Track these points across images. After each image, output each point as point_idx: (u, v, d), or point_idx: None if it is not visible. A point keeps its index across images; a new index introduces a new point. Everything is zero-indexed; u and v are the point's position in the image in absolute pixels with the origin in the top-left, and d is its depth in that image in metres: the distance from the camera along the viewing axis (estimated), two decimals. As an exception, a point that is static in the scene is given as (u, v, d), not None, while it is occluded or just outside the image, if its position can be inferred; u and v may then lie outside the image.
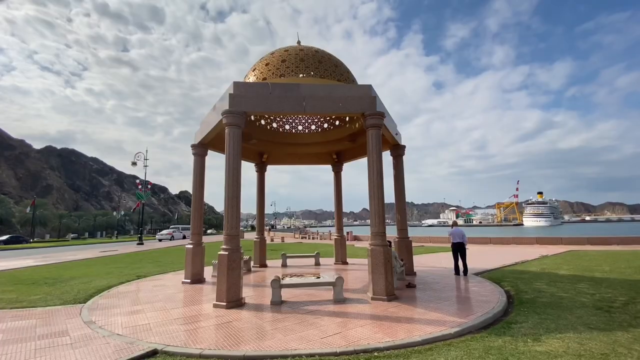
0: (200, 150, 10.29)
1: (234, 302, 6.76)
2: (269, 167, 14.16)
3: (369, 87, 7.97)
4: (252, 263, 12.87)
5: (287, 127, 12.91)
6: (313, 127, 13.00)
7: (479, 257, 15.07)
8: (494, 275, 10.24)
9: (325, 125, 12.84)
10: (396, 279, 8.10)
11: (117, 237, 68.10)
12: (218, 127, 8.45)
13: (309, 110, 7.63)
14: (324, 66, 9.30)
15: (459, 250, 10.30)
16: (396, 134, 10.25)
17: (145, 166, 30.95)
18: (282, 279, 10.85)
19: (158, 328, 5.54)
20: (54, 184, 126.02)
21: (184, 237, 46.77)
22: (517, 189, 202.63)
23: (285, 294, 7.68)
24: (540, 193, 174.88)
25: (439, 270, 11.54)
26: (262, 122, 12.35)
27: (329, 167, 14.35)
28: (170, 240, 40.96)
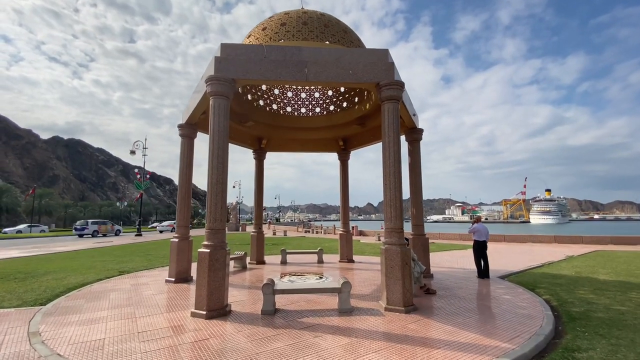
0: (188, 130, 9.00)
1: (216, 310, 5.51)
2: (272, 158, 12.86)
3: (386, 51, 6.56)
4: (248, 259, 11.64)
5: (288, 109, 11.55)
6: (318, 109, 11.62)
7: (497, 257, 13.66)
8: (523, 280, 8.87)
9: (332, 108, 11.46)
10: (412, 284, 6.78)
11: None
12: (204, 102, 7.14)
13: (312, 78, 6.26)
14: (331, 31, 7.89)
15: (483, 249, 8.95)
16: (414, 115, 8.84)
17: (144, 155, 29.92)
18: (281, 277, 9.63)
19: (111, 347, 4.31)
20: (61, 174, 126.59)
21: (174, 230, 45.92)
22: (524, 186, 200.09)
23: (281, 299, 6.42)
24: (548, 190, 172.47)
25: (457, 271, 10.19)
26: (261, 102, 11.01)
27: (334, 158, 13.02)
28: (172, 232, 39.55)
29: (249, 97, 10.51)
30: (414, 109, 8.90)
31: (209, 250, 5.61)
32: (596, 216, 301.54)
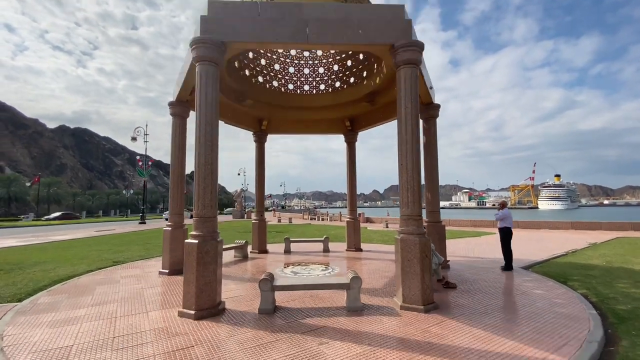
0: (179, 109, 8.16)
1: (207, 310, 4.79)
2: (277, 146, 12.00)
3: (402, 7, 5.56)
4: (249, 249, 10.97)
5: (290, 86, 10.60)
6: (322, 86, 10.65)
7: (514, 245, 12.79)
8: (550, 270, 8.04)
9: (338, 84, 10.47)
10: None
11: (127, 215, 68.20)
12: (194, 73, 6.24)
13: (315, 40, 5.32)
14: (337, -12, 6.86)
15: (509, 237, 8.10)
16: (430, 88, 7.86)
17: (146, 142, 29.25)
18: (285, 267, 8.95)
19: (80, 356, 3.62)
20: (68, 163, 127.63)
21: (191, 217, 46.21)
22: (533, 172, 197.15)
23: (283, 294, 5.69)
24: (557, 176, 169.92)
25: (475, 261, 9.38)
26: (260, 79, 10.07)
27: (339, 145, 12.09)
28: None
29: (247, 72, 9.58)
30: (431, 81, 7.91)
31: (197, 242, 4.85)
32: (606, 202, 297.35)
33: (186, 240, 4.98)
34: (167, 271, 7.82)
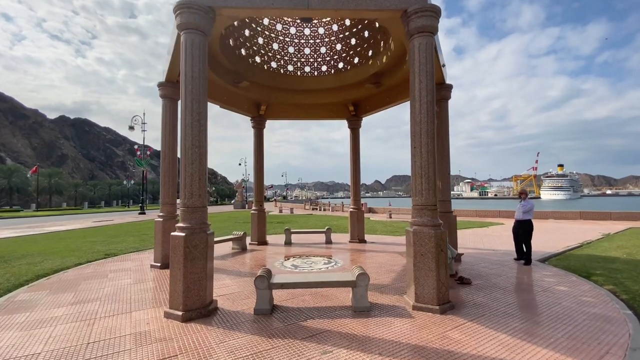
0: (170, 90, 7.53)
1: (196, 310, 4.28)
2: (278, 136, 11.37)
3: (415, -33, 4.86)
4: (247, 240, 10.48)
5: (290, 67, 9.91)
6: (324, 67, 9.95)
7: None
8: (568, 264, 7.49)
9: (341, 65, 9.77)
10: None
11: (129, 206, 68.17)
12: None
13: (317, 5, 4.65)
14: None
15: (529, 230, 7.51)
16: (443, 66, 7.19)
17: (144, 130, 28.63)
18: (285, 260, 8.46)
19: (42, 369, 3.12)
20: (69, 153, 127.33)
21: None
22: (536, 161, 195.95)
23: (281, 291, 5.17)
24: (560, 165, 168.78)
25: (487, 253, 8.84)
26: (257, 59, 9.38)
27: (341, 135, 11.47)
28: None
29: (243, 52, 8.89)
30: (443, 57, 7.22)
31: (184, 234, 4.31)
32: (609, 191, 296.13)
33: (172, 233, 4.44)
34: (159, 264, 7.34)
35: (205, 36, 4.70)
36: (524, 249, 7.49)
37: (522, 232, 7.55)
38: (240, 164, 54.48)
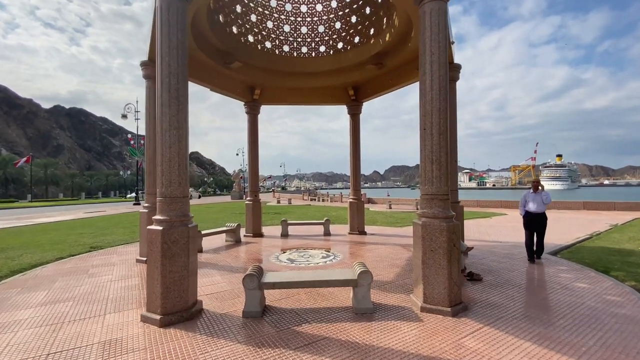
0: (153, 70, 6.83)
1: (177, 313, 3.78)
2: (276, 126, 10.74)
3: None
4: (242, 232, 9.98)
5: (286, 48, 9.24)
6: (322, 48, 9.29)
7: (521, 226, 11.82)
8: (583, 257, 7.04)
9: (340, 45, 9.11)
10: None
11: (126, 196, 67.58)
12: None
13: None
14: None
15: (543, 224, 6.78)
16: (452, 43, 6.57)
17: (137, 119, 27.84)
18: (281, 253, 7.99)
19: (-16, 390, 2.63)
20: (65, 143, 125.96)
21: (199, 197, 49.92)
22: (535, 152, 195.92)
23: (274, 290, 4.67)
24: (559, 156, 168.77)
25: (493, 246, 8.38)
26: (250, 38, 8.71)
27: (340, 125, 10.85)
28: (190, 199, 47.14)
29: (234, 30, 8.22)
30: (452, 34, 6.60)
31: (161, 228, 3.78)
32: (606, 182, 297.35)
33: (148, 227, 3.91)
34: (144, 259, 6.80)
35: (186, 2, 4.07)
36: (535, 246, 6.79)
37: (540, 226, 6.73)
38: (237, 154, 53.68)
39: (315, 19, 8.93)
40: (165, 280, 3.74)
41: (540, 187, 6.75)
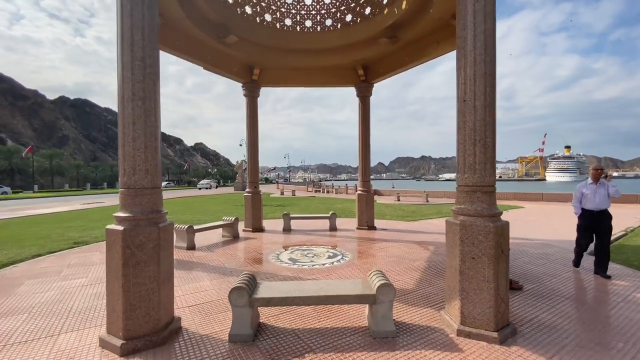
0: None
1: (144, 338, 2.95)
2: (280, 117, 9.80)
3: None
4: (239, 227, 9.16)
5: (287, 21, 8.25)
6: (329, 21, 8.28)
7: (551, 221, 10.84)
8: (629, 259, 6.11)
9: (349, 18, 8.08)
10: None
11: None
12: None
13: None
14: None
15: (607, 225, 5.09)
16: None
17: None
18: (282, 251, 7.16)
19: None
20: (70, 134, 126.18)
21: (217, 187, 57.41)
22: (543, 143, 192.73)
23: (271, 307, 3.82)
24: (567, 147, 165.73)
25: (523, 243, 7.44)
26: (248, 9, 7.72)
27: (345, 116, 9.88)
28: (208, 189, 49.93)
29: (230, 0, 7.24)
30: None
31: (122, 228, 2.92)
32: (615, 174, 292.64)
33: (107, 227, 3.05)
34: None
35: None
36: (594, 253, 5.25)
37: (604, 227, 5.03)
38: (241, 145, 52.75)
39: (321, -13, 7.90)
40: (128, 296, 2.90)
41: (605, 177, 5.16)
